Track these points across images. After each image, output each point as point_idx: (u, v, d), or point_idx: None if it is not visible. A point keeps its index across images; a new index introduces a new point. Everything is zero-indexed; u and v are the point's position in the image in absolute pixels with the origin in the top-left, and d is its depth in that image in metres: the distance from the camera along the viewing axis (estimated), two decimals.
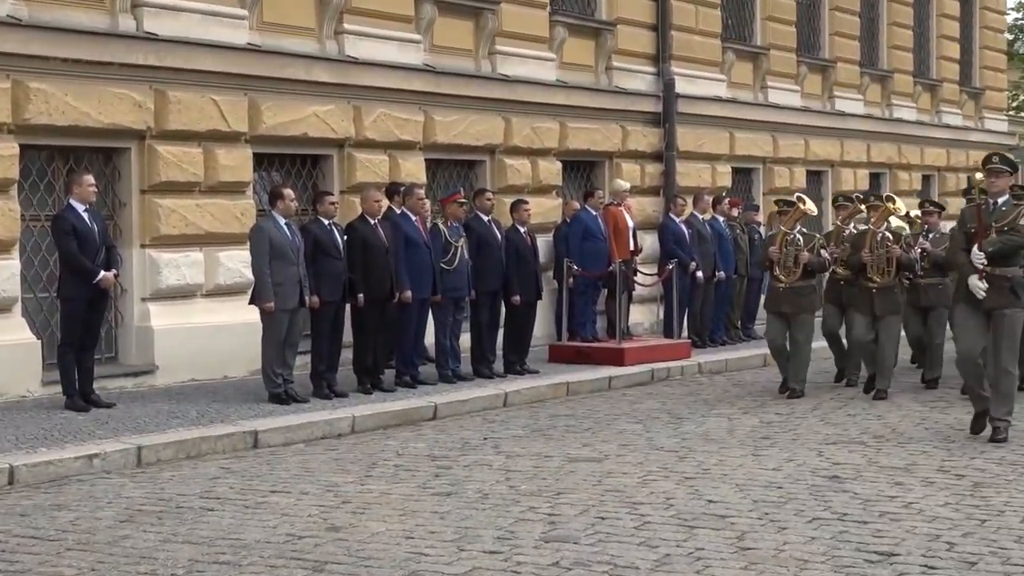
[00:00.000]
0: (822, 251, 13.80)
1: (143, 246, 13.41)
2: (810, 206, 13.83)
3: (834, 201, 15.78)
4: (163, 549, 7.34)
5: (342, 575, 6.81)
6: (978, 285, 10.49)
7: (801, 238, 13.62)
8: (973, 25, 30.90)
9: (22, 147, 12.44)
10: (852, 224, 14.56)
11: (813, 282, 13.94)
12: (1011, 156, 11.45)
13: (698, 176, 20.63)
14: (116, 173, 13.41)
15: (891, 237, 13.38)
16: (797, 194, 14.77)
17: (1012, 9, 36.94)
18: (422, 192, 14.09)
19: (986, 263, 10.52)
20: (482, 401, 12.87)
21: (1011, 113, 35.86)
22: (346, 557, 7.13)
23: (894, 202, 13.75)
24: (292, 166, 15.12)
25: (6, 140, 12.28)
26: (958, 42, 29.99)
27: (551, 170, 18.12)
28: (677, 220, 17.87)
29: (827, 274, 14.52)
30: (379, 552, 7.21)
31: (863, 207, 14.81)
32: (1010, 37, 35.61)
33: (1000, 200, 10.77)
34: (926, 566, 6.86)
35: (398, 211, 13.75)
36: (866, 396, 13.34)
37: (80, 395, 11.58)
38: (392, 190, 14.26)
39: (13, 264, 12.35)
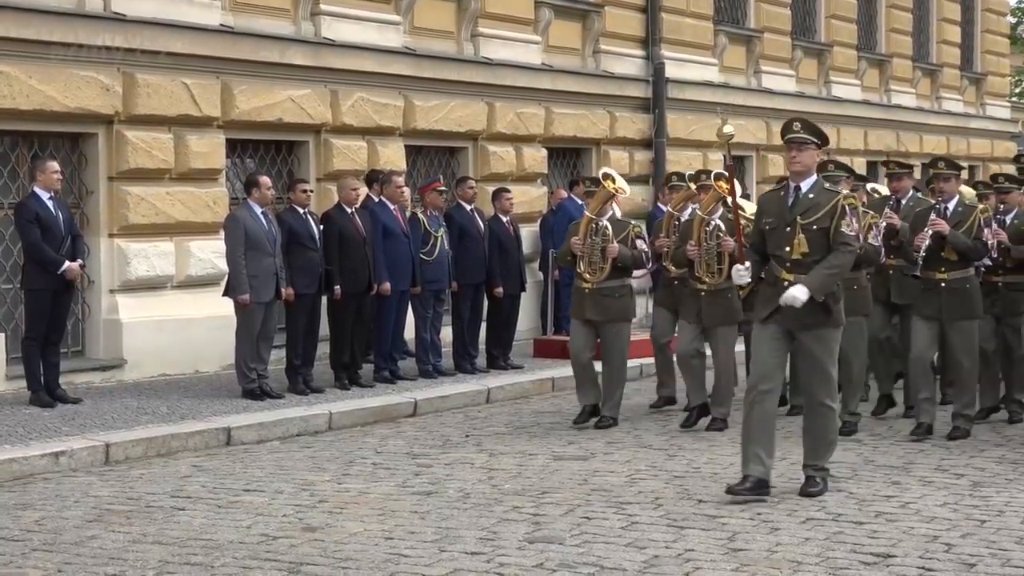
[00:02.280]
0: (638, 242, 11.56)
1: (111, 236, 13.40)
2: (620, 184, 11.59)
3: (666, 180, 13.53)
4: (132, 550, 7.36)
5: None
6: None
7: (610, 226, 11.43)
8: (975, 8, 31.00)
9: None
10: (689, 210, 12.09)
11: (628, 281, 11.76)
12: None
13: (689, 164, 20.62)
14: (82, 159, 13.41)
15: (723, 227, 11.09)
16: (603, 170, 12.35)
17: None
18: (401, 180, 14.11)
19: (786, 273, 8.45)
20: (464, 397, 12.90)
21: (1014, 99, 35.98)
22: (323, 558, 7.15)
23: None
24: (267, 152, 15.13)
25: None
26: (959, 25, 30.11)
27: (536, 157, 18.15)
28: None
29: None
30: (357, 553, 7.24)
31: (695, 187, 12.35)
32: (1013, 20, 35.73)
33: (805, 185, 8.54)
34: (923, 568, 6.91)
35: (376, 200, 13.77)
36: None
37: (46, 390, 11.58)
38: (372, 178, 14.27)
39: None
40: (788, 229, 8.42)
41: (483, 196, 15.63)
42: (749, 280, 8.53)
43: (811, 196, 8.46)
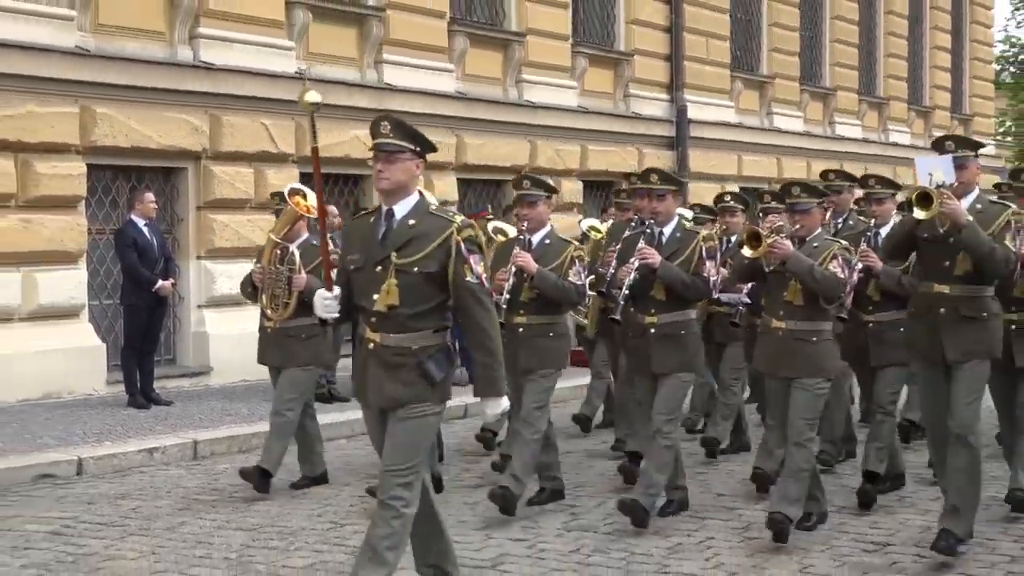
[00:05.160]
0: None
1: (199, 258, 13.49)
2: (312, 202, 8.32)
3: None
4: (217, 535, 7.41)
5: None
6: None
7: (299, 253, 8.30)
8: (964, 56, 30.83)
9: (89, 167, 12.55)
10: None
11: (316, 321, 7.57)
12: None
13: (709, 196, 20.60)
14: (174, 191, 13.50)
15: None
16: (291, 185, 9.02)
17: (999, 42, 36.80)
18: (453, 208, 14.11)
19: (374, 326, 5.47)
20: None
21: (998, 138, 35.71)
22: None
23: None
24: (335, 184, 15.18)
25: (74, 160, 12.39)
26: (949, 72, 29.93)
27: (572, 189, 18.15)
28: None
29: None
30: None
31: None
32: (997, 68, 35.47)
33: (402, 209, 5.57)
34: (918, 555, 6.88)
35: None
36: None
37: (141, 394, 11.65)
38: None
39: (81, 273, 12.44)
40: (378, 269, 5.42)
41: None
42: (336, 314, 5.57)
43: (411, 223, 5.46)
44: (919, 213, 6.59)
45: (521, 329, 7.85)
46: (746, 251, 7.16)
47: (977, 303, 6.83)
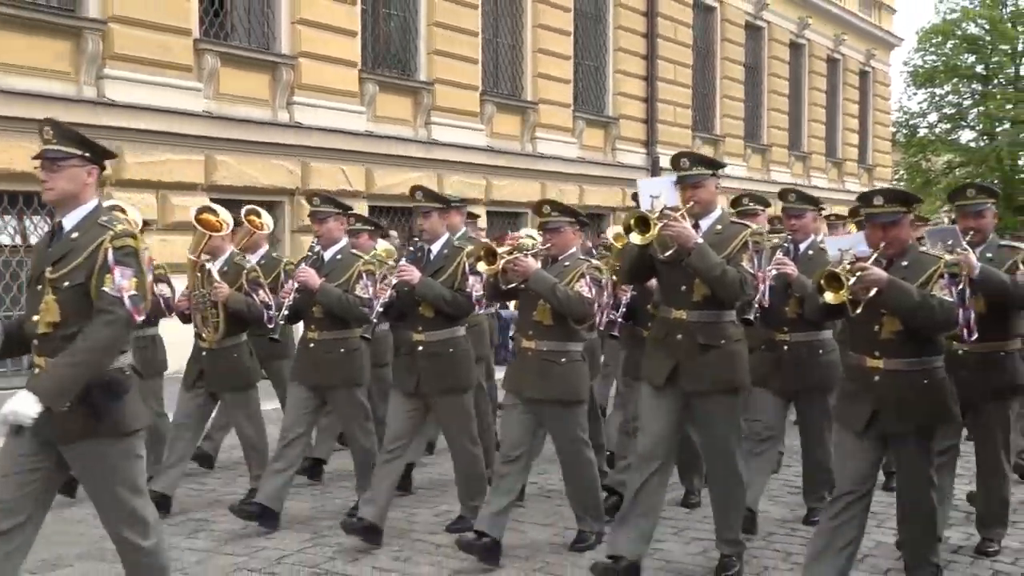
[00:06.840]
0: (259, 289, 6.32)
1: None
2: (223, 216, 6.38)
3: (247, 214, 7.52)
4: (304, 478, 7.35)
5: (424, 503, 6.78)
6: None
7: (215, 268, 6.33)
8: (869, 119, 30.73)
9: (211, 200, 12.54)
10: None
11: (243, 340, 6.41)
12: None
13: None
14: (274, 219, 13.49)
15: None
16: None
17: (895, 110, 36.71)
18: (482, 234, 14.08)
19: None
20: None
21: (894, 183, 35.63)
22: (428, 484, 7.09)
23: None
24: (395, 216, 15.18)
25: (200, 195, 12.39)
26: (857, 132, 29.84)
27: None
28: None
29: None
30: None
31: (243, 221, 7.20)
32: (893, 129, 35.36)
33: (71, 220, 3.92)
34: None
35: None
36: None
37: None
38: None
39: None
40: (39, 287, 3.85)
41: None
42: None
43: (74, 236, 3.84)
44: (635, 238, 4.88)
45: (312, 344, 6.02)
46: (481, 267, 5.39)
47: (715, 330, 4.97)
